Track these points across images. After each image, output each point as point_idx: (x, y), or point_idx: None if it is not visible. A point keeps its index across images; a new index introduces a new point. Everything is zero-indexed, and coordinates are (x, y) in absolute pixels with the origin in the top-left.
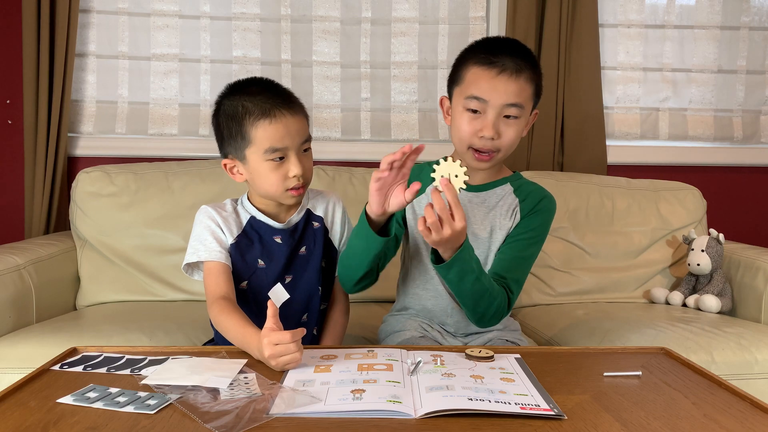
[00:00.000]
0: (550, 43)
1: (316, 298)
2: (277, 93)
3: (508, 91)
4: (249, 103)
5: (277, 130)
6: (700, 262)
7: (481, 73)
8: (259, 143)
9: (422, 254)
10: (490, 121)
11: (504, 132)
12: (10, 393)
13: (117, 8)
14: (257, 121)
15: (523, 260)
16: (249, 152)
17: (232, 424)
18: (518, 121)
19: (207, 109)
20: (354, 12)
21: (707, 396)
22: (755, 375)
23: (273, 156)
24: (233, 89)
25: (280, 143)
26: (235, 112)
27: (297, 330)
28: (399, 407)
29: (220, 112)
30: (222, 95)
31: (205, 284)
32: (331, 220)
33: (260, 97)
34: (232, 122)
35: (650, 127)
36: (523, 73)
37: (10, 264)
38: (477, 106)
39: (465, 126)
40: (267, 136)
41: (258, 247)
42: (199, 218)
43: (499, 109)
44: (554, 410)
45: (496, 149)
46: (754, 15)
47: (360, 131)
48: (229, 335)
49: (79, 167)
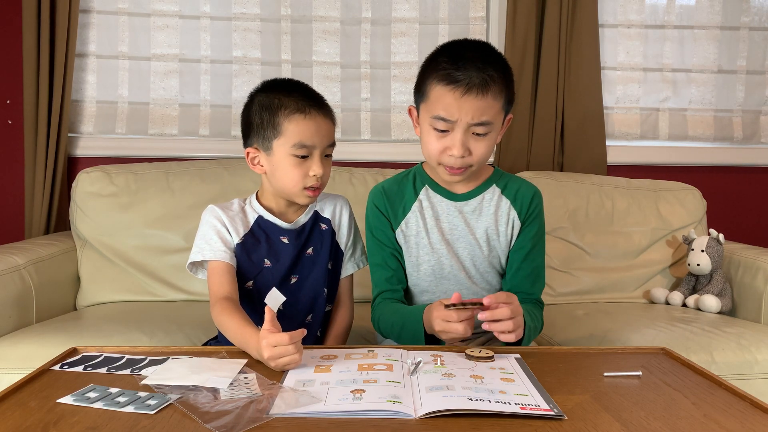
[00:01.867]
0: (550, 43)
1: (321, 299)
2: (312, 94)
3: (475, 109)
4: (285, 98)
5: (309, 126)
6: (700, 262)
7: (445, 92)
8: (289, 136)
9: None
10: (458, 140)
11: (474, 148)
12: (10, 393)
13: (117, 8)
14: (292, 115)
15: (540, 268)
16: (277, 143)
17: (232, 424)
18: (488, 136)
19: (207, 109)
20: (354, 12)
21: (707, 396)
22: (755, 375)
23: (299, 152)
24: (270, 86)
25: (309, 140)
26: (270, 103)
27: (296, 332)
28: (399, 407)
29: (254, 102)
30: (257, 90)
31: (209, 284)
32: (338, 222)
33: (296, 94)
34: (266, 112)
35: (650, 127)
36: (491, 88)
37: (10, 264)
38: (444, 126)
39: (434, 144)
40: (298, 130)
41: (265, 247)
42: (206, 217)
43: (466, 128)
44: (554, 410)
45: (467, 165)
46: (754, 15)
47: (360, 131)
48: (229, 335)
49: (79, 167)
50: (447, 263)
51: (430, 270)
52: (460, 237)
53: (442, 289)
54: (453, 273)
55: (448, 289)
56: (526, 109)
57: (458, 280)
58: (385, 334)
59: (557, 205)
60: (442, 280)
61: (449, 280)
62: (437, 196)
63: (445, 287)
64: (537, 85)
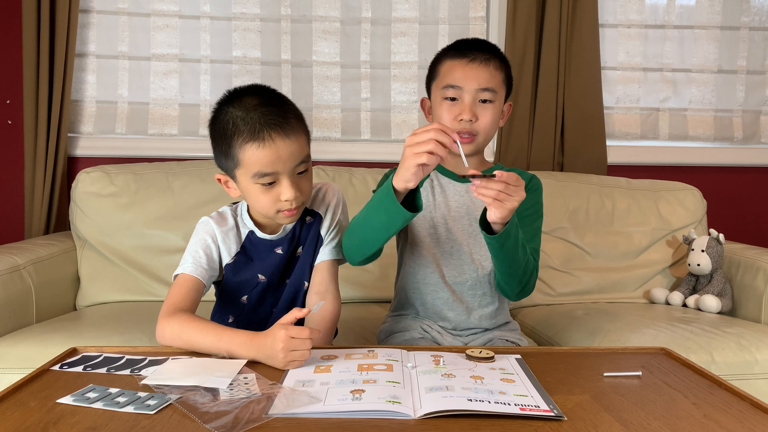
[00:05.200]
0: (550, 43)
1: (302, 292)
2: (273, 110)
3: (480, 76)
4: (240, 121)
5: (266, 155)
6: (700, 263)
7: (454, 63)
8: (247, 166)
9: (422, 249)
10: (467, 104)
11: (481, 114)
12: (10, 393)
13: (117, 8)
14: (245, 144)
15: (535, 231)
16: (238, 173)
17: (231, 424)
18: (493, 105)
19: (207, 110)
20: (354, 12)
21: (707, 396)
22: (755, 375)
23: (262, 180)
24: (230, 98)
25: (269, 168)
26: (225, 129)
27: (314, 329)
28: (398, 408)
29: (215, 123)
30: (219, 102)
31: (172, 293)
32: (325, 209)
33: (254, 114)
34: (222, 140)
35: (650, 127)
36: (492, 61)
37: (10, 264)
38: (454, 93)
39: (445, 114)
40: (255, 160)
41: (258, 264)
42: (199, 231)
43: (474, 93)
44: (554, 411)
45: (475, 132)
46: (754, 15)
47: (360, 131)
48: (202, 341)
49: (79, 167)
50: (450, 236)
51: (433, 243)
52: (465, 214)
53: (444, 261)
54: (456, 248)
55: (449, 261)
56: (526, 109)
57: (460, 255)
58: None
59: (557, 205)
60: (444, 254)
61: (452, 255)
62: (445, 177)
63: (447, 261)
64: (537, 85)
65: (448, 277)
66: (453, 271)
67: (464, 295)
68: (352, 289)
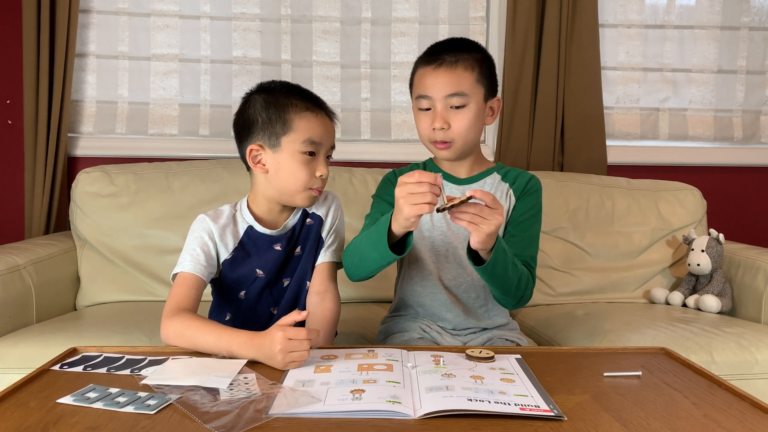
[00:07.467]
0: (550, 43)
1: (303, 293)
2: (315, 97)
3: (447, 82)
4: (297, 94)
5: (318, 125)
6: (700, 262)
7: (424, 71)
8: (300, 132)
9: (421, 255)
10: (438, 113)
11: (453, 121)
12: (10, 393)
13: (117, 8)
14: (303, 112)
15: (532, 238)
16: (286, 140)
17: (231, 424)
18: (466, 109)
19: (207, 110)
20: (354, 12)
21: (707, 396)
22: (755, 375)
23: (309, 148)
24: (270, 87)
25: (318, 137)
26: (277, 101)
27: (312, 329)
28: (398, 407)
29: (254, 101)
30: (254, 90)
31: (173, 293)
32: (325, 213)
33: (300, 95)
34: (273, 109)
35: (650, 128)
36: (460, 63)
37: (10, 264)
38: (426, 104)
39: (421, 124)
40: (309, 127)
41: (255, 259)
42: (195, 229)
43: (443, 100)
44: (554, 411)
45: (450, 139)
46: (754, 15)
47: (360, 131)
48: (203, 340)
49: (79, 167)
50: (446, 240)
51: (430, 244)
52: None
53: (440, 265)
54: (452, 251)
55: (445, 265)
56: (526, 109)
57: (456, 258)
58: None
59: (557, 205)
60: (440, 257)
61: (448, 258)
62: (445, 180)
63: (443, 263)
64: (537, 85)
65: (445, 280)
66: (449, 273)
67: (461, 297)
68: (352, 289)
